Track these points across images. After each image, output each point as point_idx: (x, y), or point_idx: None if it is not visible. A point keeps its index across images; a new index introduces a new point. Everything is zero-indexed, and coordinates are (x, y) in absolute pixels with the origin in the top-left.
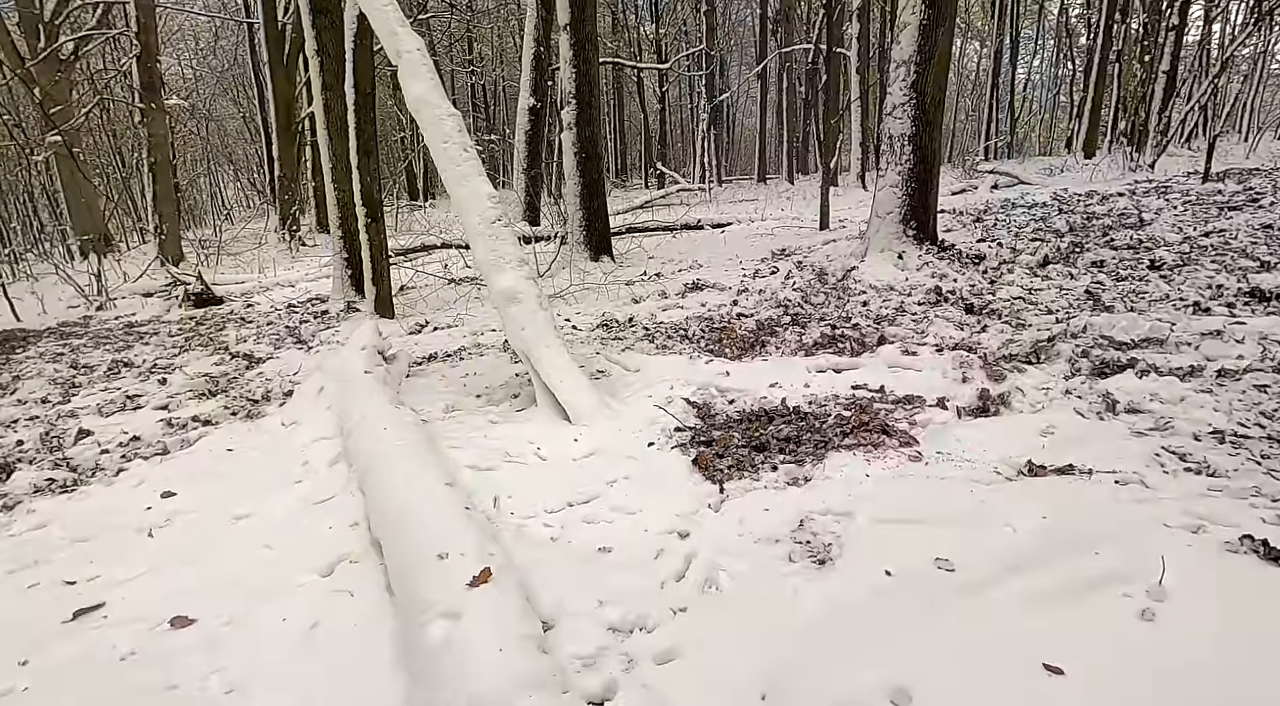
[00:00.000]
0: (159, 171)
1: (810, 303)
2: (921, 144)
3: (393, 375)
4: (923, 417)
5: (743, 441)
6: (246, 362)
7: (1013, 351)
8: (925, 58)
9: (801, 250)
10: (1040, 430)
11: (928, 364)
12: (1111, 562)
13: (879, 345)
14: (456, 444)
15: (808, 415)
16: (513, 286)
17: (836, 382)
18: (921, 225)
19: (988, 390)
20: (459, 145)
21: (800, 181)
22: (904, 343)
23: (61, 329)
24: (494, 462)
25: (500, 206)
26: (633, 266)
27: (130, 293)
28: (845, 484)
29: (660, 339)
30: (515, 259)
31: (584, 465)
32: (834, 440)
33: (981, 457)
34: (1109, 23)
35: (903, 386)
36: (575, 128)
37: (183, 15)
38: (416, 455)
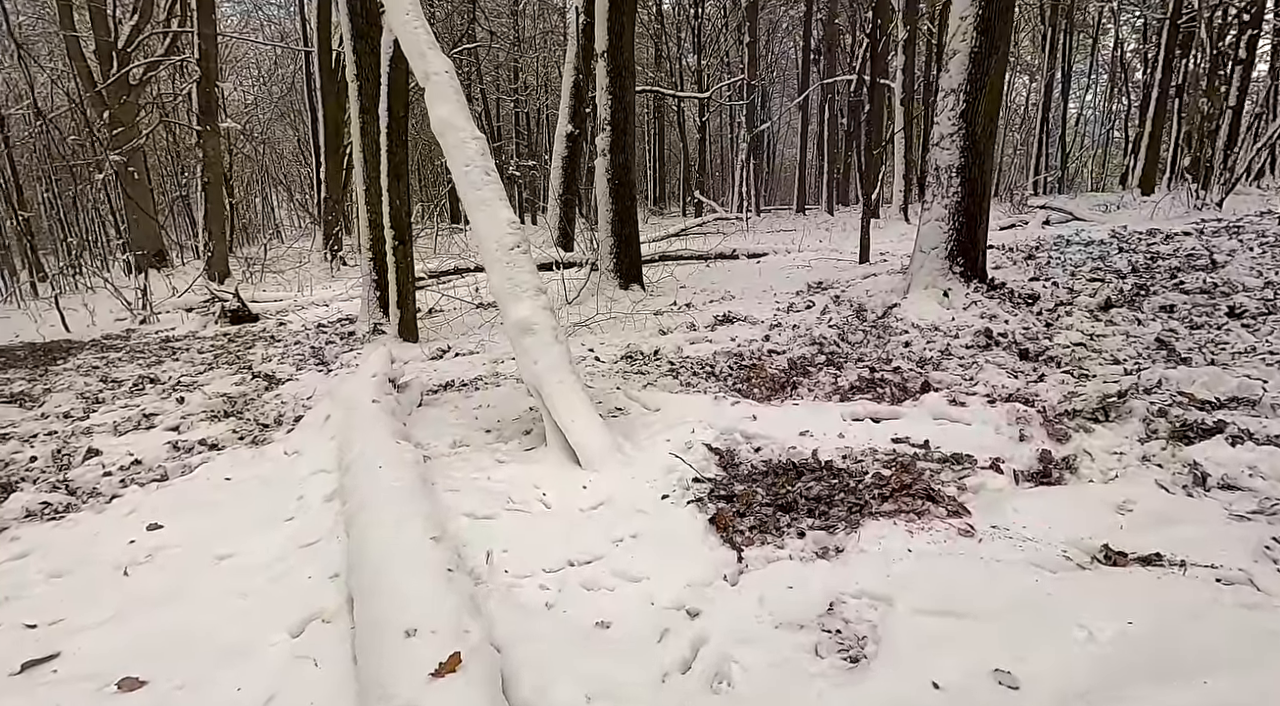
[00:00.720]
0: (211, 191)
1: (847, 341)
2: (970, 176)
3: (403, 405)
4: (974, 482)
5: (767, 498)
6: (266, 383)
7: (1076, 406)
8: (976, 87)
9: (840, 284)
10: (1116, 505)
11: (978, 417)
12: (1225, 695)
13: (923, 392)
14: (456, 485)
15: (841, 471)
16: (528, 317)
17: (875, 434)
18: (969, 261)
19: (1049, 452)
20: (481, 169)
21: (840, 213)
22: (951, 390)
23: (103, 342)
24: (494, 510)
25: (520, 233)
26: (663, 296)
27: (174, 307)
28: (884, 559)
29: (685, 375)
30: (532, 288)
31: (591, 517)
32: (871, 504)
33: (1046, 536)
34: (1168, 57)
35: (950, 442)
36: (609, 154)
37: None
38: (409, 499)
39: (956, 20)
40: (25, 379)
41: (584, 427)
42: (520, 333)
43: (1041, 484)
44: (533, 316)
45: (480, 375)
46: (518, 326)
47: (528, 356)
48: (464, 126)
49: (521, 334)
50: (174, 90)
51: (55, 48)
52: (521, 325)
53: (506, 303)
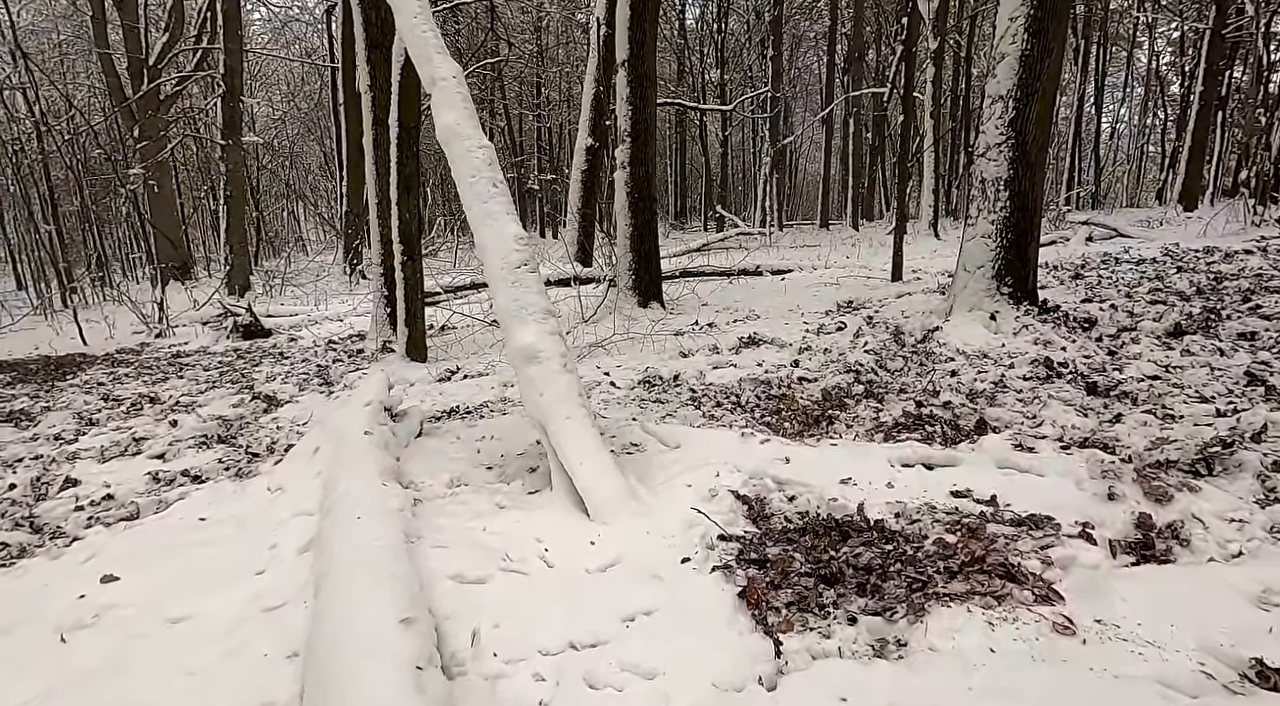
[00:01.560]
0: (233, 204)
1: (886, 368)
2: (1021, 189)
3: (399, 436)
4: (1061, 554)
5: (807, 566)
6: (265, 405)
7: (1170, 456)
8: (1026, 93)
9: (872, 303)
10: (1254, 596)
11: (1052, 466)
12: None
13: (980, 432)
14: (445, 540)
15: (895, 534)
16: (533, 343)
17: (929, 483)
18: (1018, 282)
19: (1149, 517)
20: (488, 180)
21: (865, 228)
22: (1013, 431)
23: (116, 356)
24: (486, 571)
25: (527, 249)
26: (684, 314)
27: (191, 320)
28: (960, 664)
29: (708, 405)
30: (540, 310)
31: (599, 582)
32: (935, 579)
33: (1170, 639)
34: (1211, 68)
35: (1021, 497)
36: (629, 167)
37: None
38: (386, 561)
39: (1005, 21)
40: (29, 395)
41: (593, 471)
42: (524, 360)
43: (1145, 559)
44: (539, 342)
45: (487, 401)
46: (522, 353)
47: (532, 387)
48: (471, 134)
49: (526, 362)
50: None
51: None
52: (526, 352)
53: (511, 326)
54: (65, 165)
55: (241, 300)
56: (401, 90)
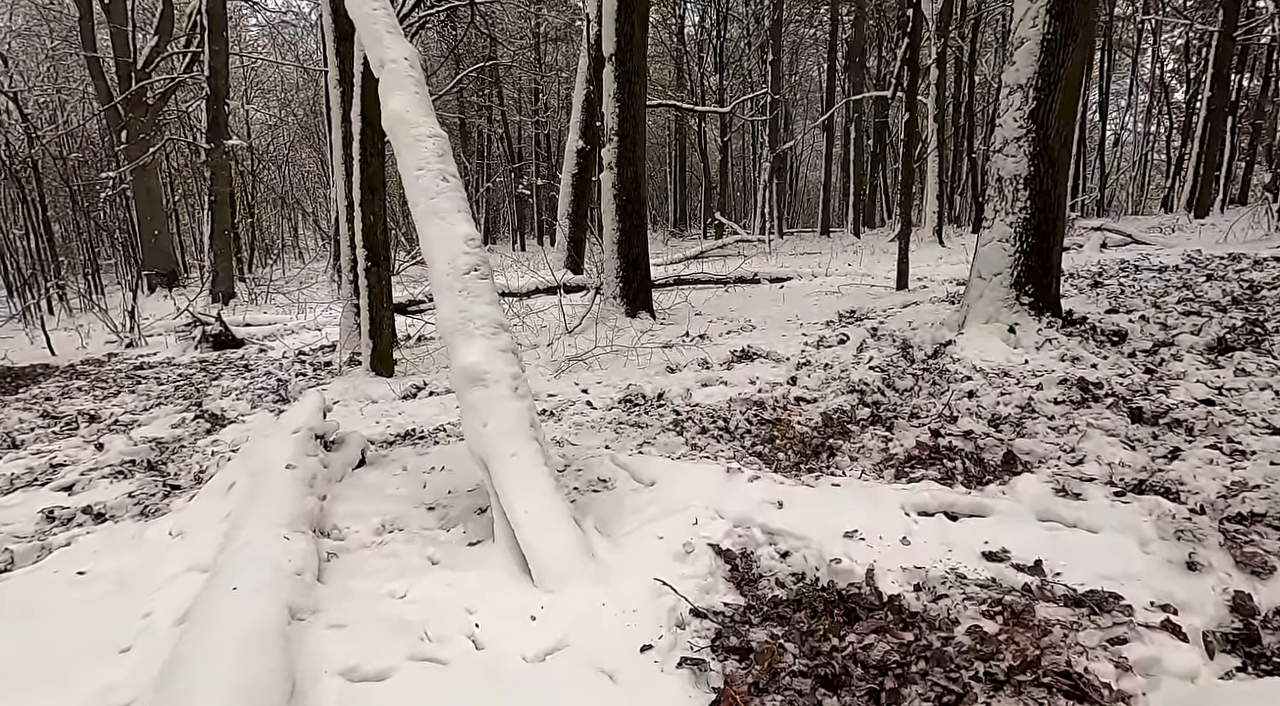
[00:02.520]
0: (217, 210)
1: (894, 387)
2: (1042, 188)
3: (332, 468)
4: (1140, 655)
5: (802, 660)
6: (209, 425)
7: (1255, 506)
8: (1048, 81)
9: (876, 313)
10: None
11: (1106, 519)
12: None
13: (1009, 469)
14: (347, 616)
15: (916, 617)
16: (479, 363)
17: (954, 540)
18: (1040, 290)
19: (1248, 597)
20: (436, 173)
21: (867, 235)
22: (1050, 469)
23: (79, 367)
24: (392, 660)
25: (478, 252)
26: (675, 324)
27: (165, 329)
28: None
29: (692, 431)
30: (489, 323)
31: (533, 678)
32: (974, 690)
33: None
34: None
35: (1074, 563)
36: (616, 167)
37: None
38: (242, 661)
39: (1025, 3)
40: None
41: (541, 523)
42: (468, 383)
43: (1256, 668)
44: (486, 362)
45: (447, 423)
46: (465, 375)
47: (475, 416)
48: (420, 122)
49: (469, 385)
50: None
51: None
52: (470, 373)
53: (455, 342)
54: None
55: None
56: (365, 82)
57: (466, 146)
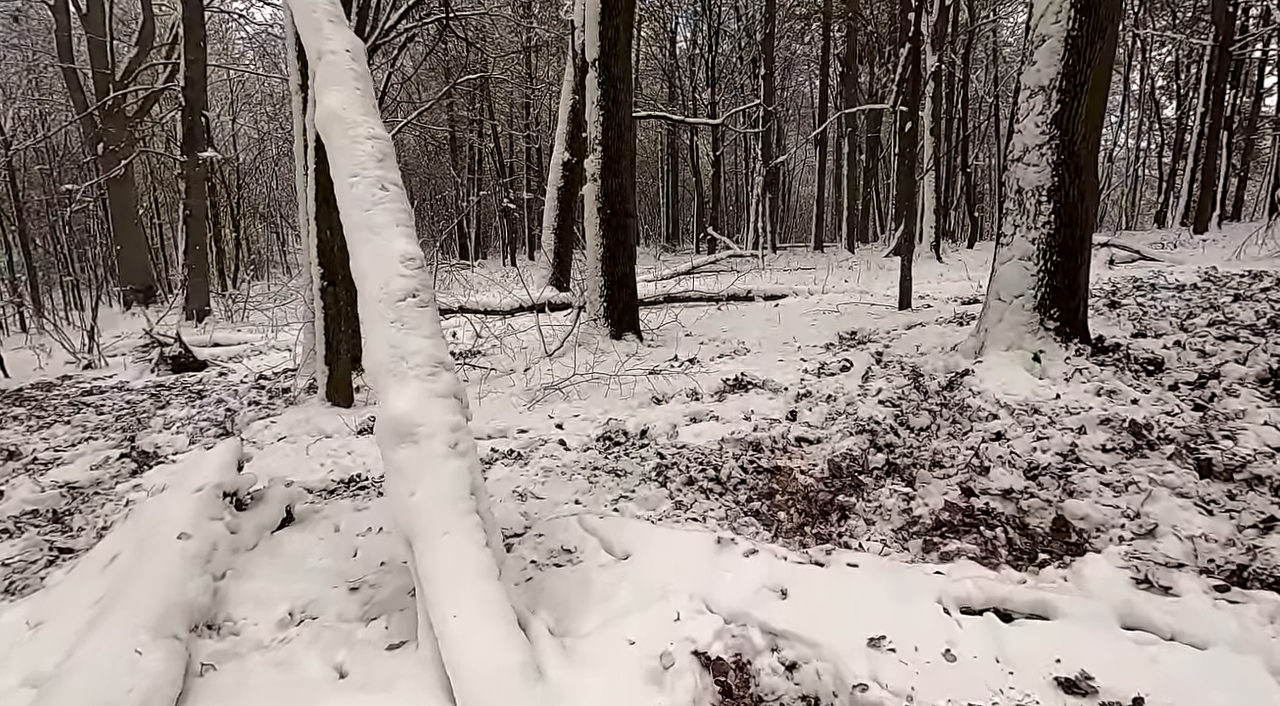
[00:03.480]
0: (192, 224)
1: (909, 426)
2: (1068, 199)
3: (243, 533)
4: None
5: None
6: (137, 465)
7: None
8: (1074, 83)
9: (879, 335)
10: None
11: (1213, 628)
12: None
13: (1062, 541)
14: None
15: None
16: (410, 413)
17: (1013, 654)
18: (1067, 314)
19: None
20: (373, 181)
21: (861, 250)
22: (1118, 543)
23: (26, 391)
24: None
25: (418, 275)
26: (663, 347)
27: (128, 349)
28: None
29: (677, 480)
30: (427, 362)
31: None
32: None
33: None
34: (1218, 87)
35: (1183, 700)
36: (600, 179)
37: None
38: None
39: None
40: None
41: (472, 635)
42: (395, 438)
43: None
44: (418, 411)
45: None
46: (393, 428)
47: (401, 481)
48: (359, 121)
49: (397, 440)
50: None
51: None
52: (399, 425)
53: (384, 385)
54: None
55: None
56: None
57: (457, 160)
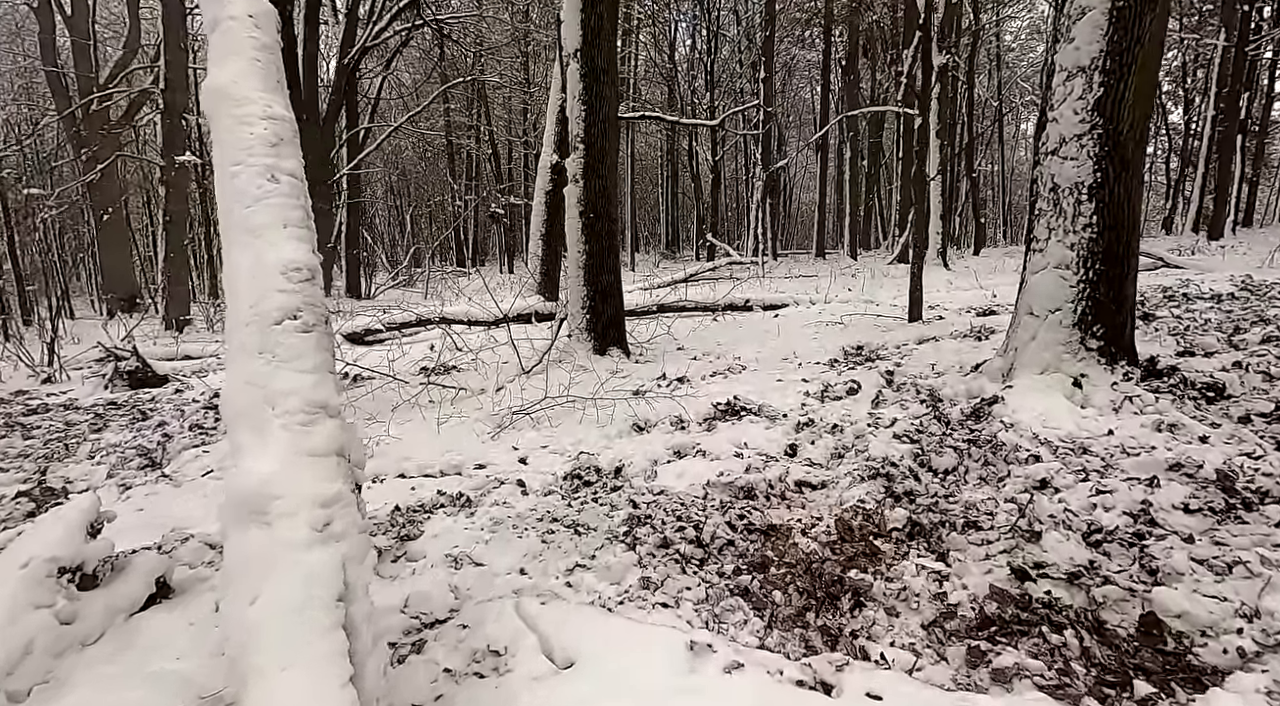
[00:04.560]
0: (172, 229)
1: (931, 467)
2: (1112, 198)
3: (83, 622)
4: None
5: None
6: (36, 505)
7: None
8: (1120, 63)
9: (888, 351)
10: None
11: None
12: None
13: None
14: None
15: None
16: (265, 481)
17: None
18: (1112, 331)
19: None
20: (261, 170)
21: (863, 257)
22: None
23: None
24: None
25: (303, 290)
26: (651, 362)
27: (90, 361)
28: None
29: (649, 542)
30: (303, 406)
31: None
32: None
33: None
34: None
35: None
36: (582, 180)
37: None
38: None
39: None
40: None
41: None
42: (242, 516)
43: None
44: (277, 479)
45: None
46: (238, 501)
47: (241, 582)
48: (252, 97)
49: (243, 519)
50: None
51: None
52: (246, 499)
53: (240, 437)
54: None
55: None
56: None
57: (454, 167)
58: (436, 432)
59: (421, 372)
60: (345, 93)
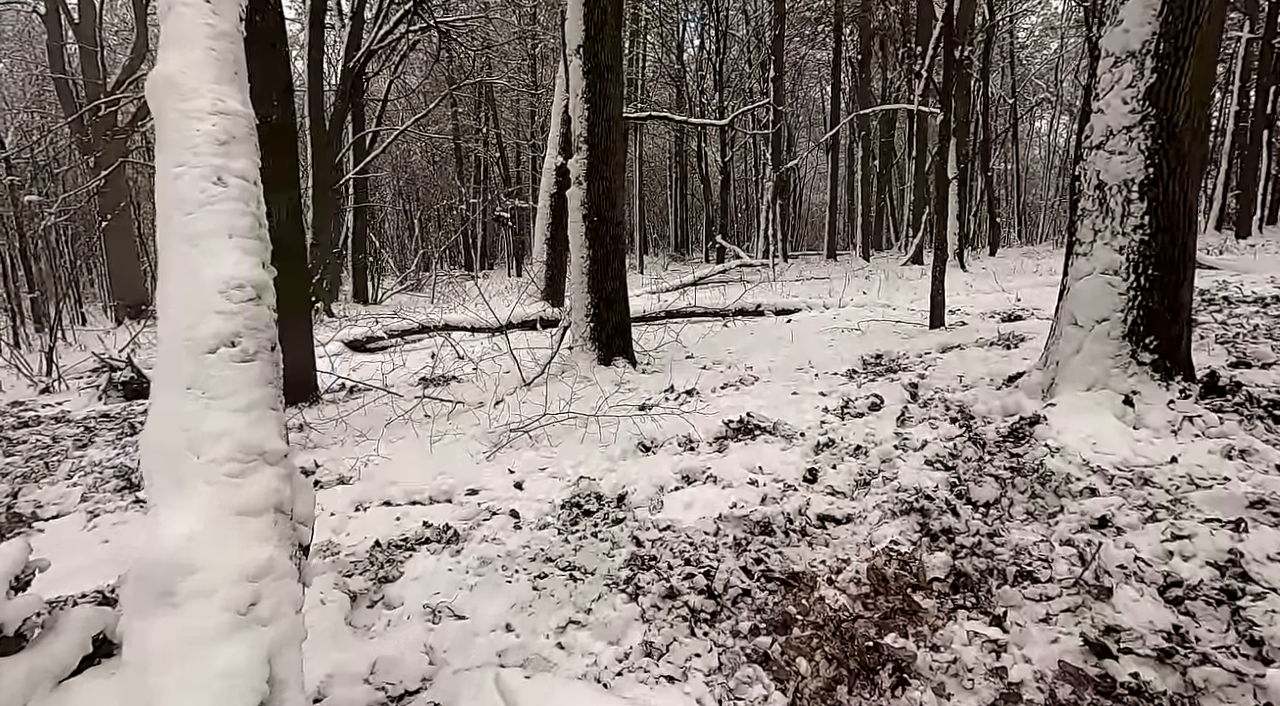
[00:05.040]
0: None
1: (970, 499)
2: (1167, 196)
3: (3, 689)
4: None
5: None
6: (1, 535)
7: None
8: (1176, 45)
9: (910, 360)
10: None
11: None
12: None
13: None
14: None
15: None
16: (179, 548)
17: None
18: (1167, 343)
19: None
20: (205, 172)
21: (876, 258)
22: None
23: None
24: None
25: (247, 311)
26: (659, 372)
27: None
28: None
29: (653, 591)
30: (232, 453)
31: None
32: None
33: None
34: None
35: None
36: (585, 182)
37: None
38: None
39: None
40: None
41: None
42: (146, 595)
43: None
44: (195, 546)
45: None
46: (143, 575)
47: (138, 679)
48: (204, 91)
49: (150, 599)
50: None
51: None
52: (153, 572)
53: (158, 491)
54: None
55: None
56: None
57: (462, 171)
58: (429, 452)
59: (421, 383)
60: (351, 96)
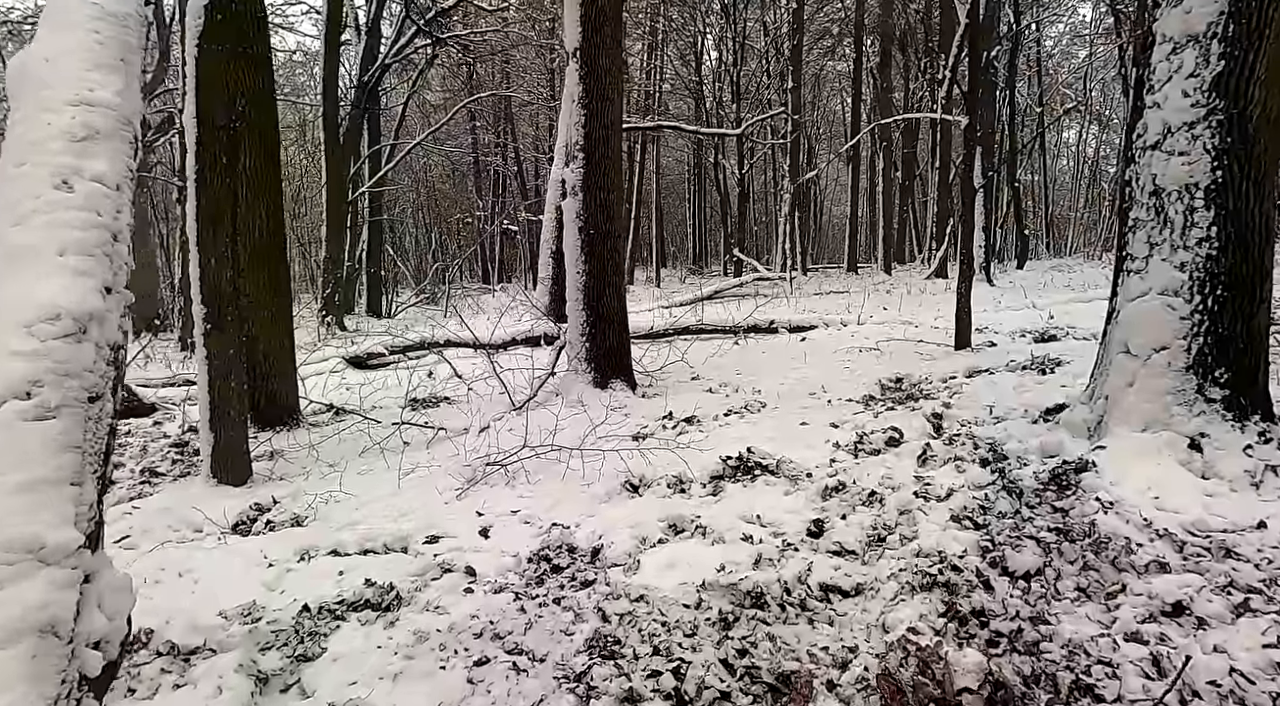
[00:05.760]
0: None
1: (1005, 568)
2: (1238, 206)
3: None
4: None
5: None
6: None
7: None
8: (1247, 27)
9: (933, 385)
10: None
11: None
12: None
13: None
14: None
15: None
16: None
17: None
18: (1240, 377)
19: None
20: (50, 172)
21: (898, 272)
22: None
23: None
24: None
25: (61, 349)
26: (658, 397)
27: None
28: None
29: (607, 698)
30: (31, 550)
31: None
32: None
33: None
34: None
35: None
36: (581, 193)
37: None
38: None
39: None
40: None
41: None
42: None
43: None
44: None
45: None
46: None
47: None
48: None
49: None
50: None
51: None
52: None
53: None
54: None
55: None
56: (202, 67)
57: (480, 184)
58: (397, 488)
59: (411, 404)
60: (366, 110)
